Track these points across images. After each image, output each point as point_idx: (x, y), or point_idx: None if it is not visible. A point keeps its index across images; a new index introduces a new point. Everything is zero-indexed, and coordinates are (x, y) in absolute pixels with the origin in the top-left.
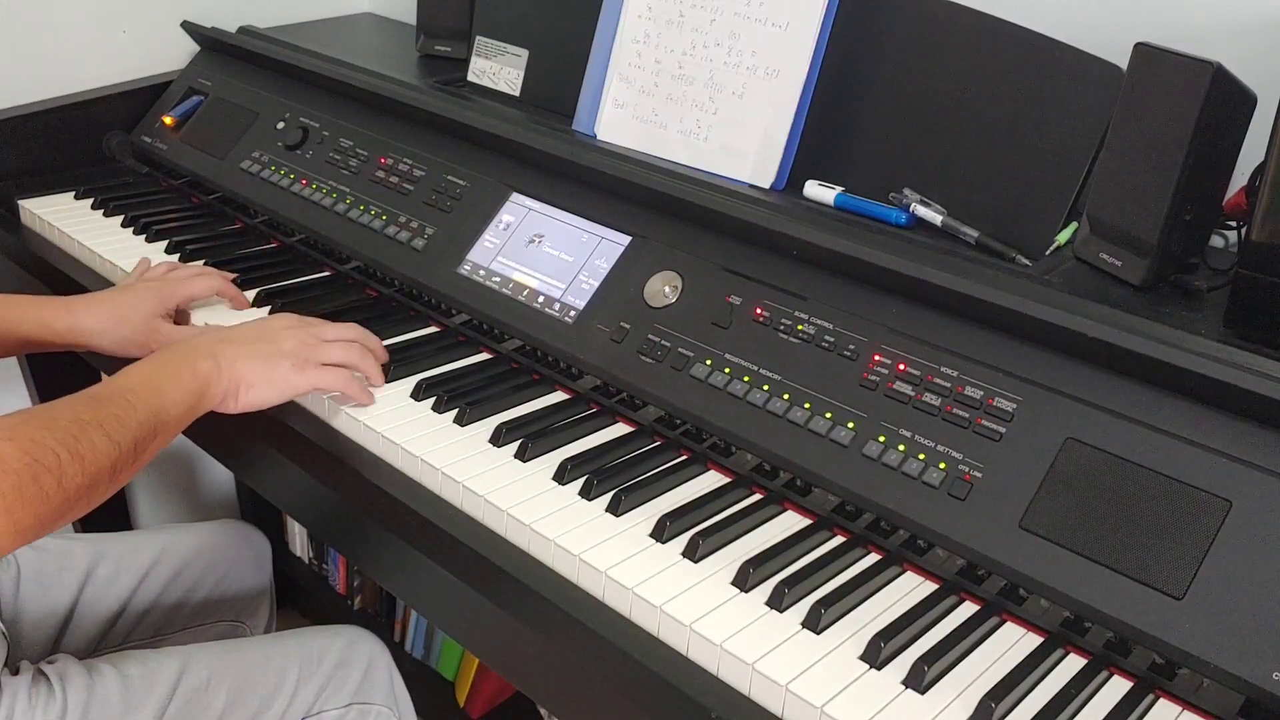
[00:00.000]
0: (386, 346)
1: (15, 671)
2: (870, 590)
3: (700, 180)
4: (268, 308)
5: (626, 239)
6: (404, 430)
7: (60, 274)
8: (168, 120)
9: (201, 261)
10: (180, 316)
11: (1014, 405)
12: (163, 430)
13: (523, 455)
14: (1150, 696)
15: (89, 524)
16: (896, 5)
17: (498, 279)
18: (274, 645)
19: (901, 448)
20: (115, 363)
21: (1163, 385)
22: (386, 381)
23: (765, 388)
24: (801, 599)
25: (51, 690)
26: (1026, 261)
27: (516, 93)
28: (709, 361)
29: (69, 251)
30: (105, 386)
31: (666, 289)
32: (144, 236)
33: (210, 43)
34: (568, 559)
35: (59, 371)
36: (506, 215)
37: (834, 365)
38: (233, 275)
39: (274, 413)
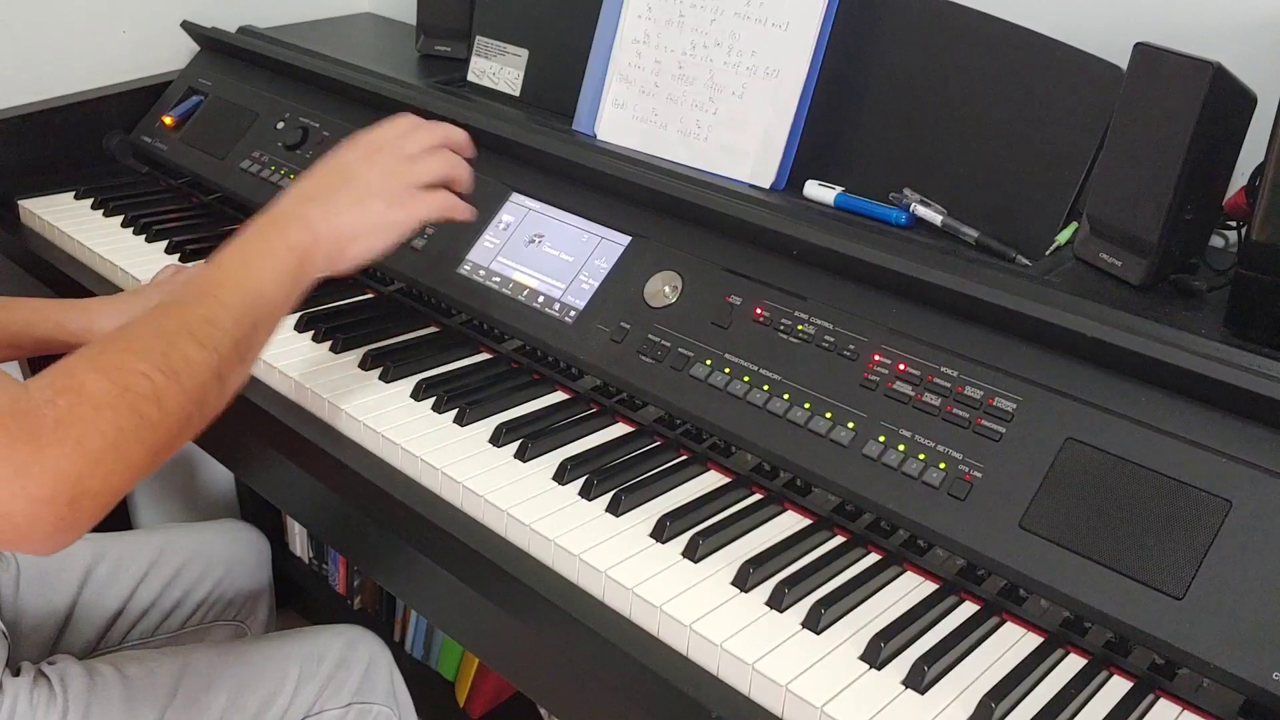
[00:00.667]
0: (386, 346)
1: (16, 672)
2: (870, 590)
3: (700, 180)
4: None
5: (626, 239)
6: (404, 430)
7: (60, 274)
8: (168, 120)
9: (201, 261)
10: None
11: (1014, 405)
12: (265, 319)
13: (523, 455)
14: (1150, 696)
15: None
16: (896, 5)
17: (498, 279)
18: (274, 645)
19: (901, 448)
20: None
21: (1163, 385)
22: (387, 382)
23: (765, 388)
24: (801, 599)
25: (52, 691)
26: (1026, 261)
27: (516, 93)
28: (709, 361)
29: (69, 251)
30: (188, 286)
31: (666, 289)
32: (144, 236)
33: (210, 43)
34: (568, 559)
35: None
36: (506, 215)
37: (834, 365)
38: None
39: (275, 413)
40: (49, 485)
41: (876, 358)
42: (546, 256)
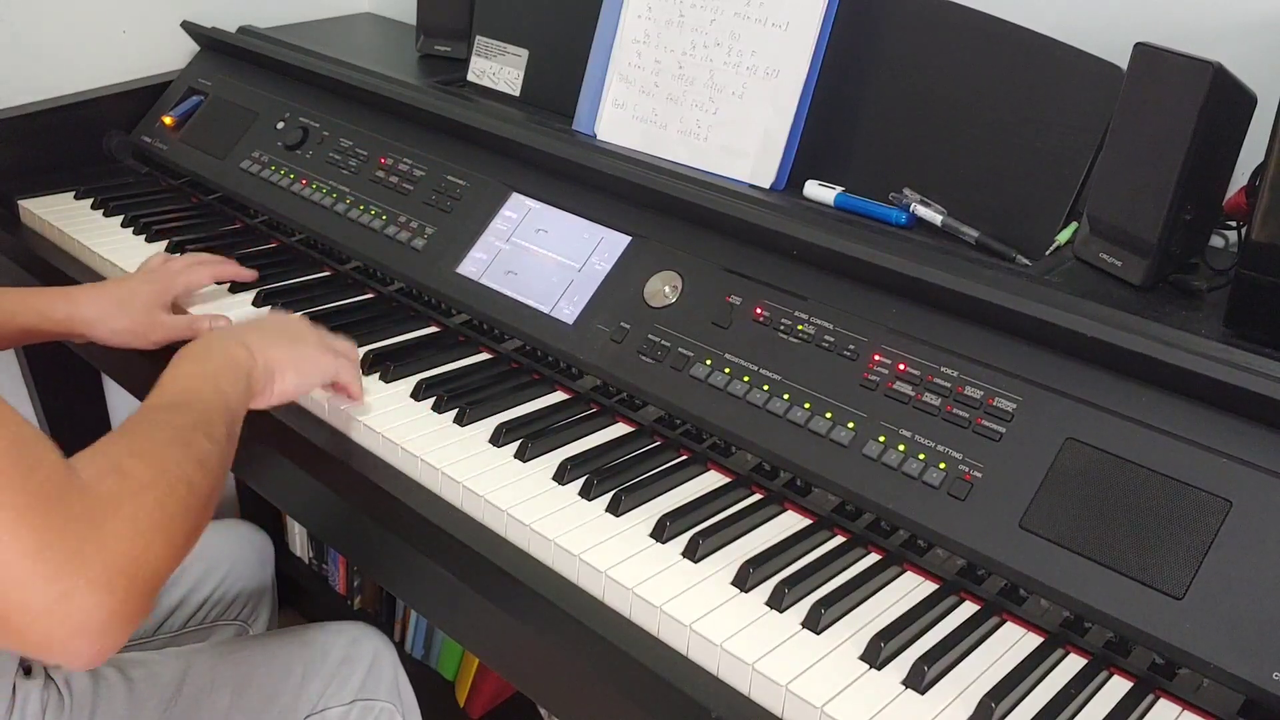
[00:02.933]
0: (386, 346)
1: (28, 673)
2: (870, 590)
3: (700, 180)
4: (267, 308)
5: (626, 239)
6: (404, 430)
7: (60, 274)
8: (168, 120)
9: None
10: (177, 308)
11: (1014, 405)
12: (235, 423)
13: (522, 455)
14: (1150, 696)
15: None
16: (896, 5)
17: (498, 279)
18: (277, 643)
19: (901, 448)
20: (110, 354)
21: (1163, 385)
22: (387, 382)
23: (765, 388)
24: (801, 599)
25: (61, 695)
26: (1026, 261)
27: (516, 93)
28: (709, 361)
29: (69, 251)
30: (170, 393)
31: (666, 289)
32: (144, 236)
33: (210, 43)
34: (568, 559)
35: (58, 367)
36: (507, 215)
37: (834, 365)
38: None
39: (275, 413)
40: (108, 567)
41: (876, 358)
42: (546, 256)
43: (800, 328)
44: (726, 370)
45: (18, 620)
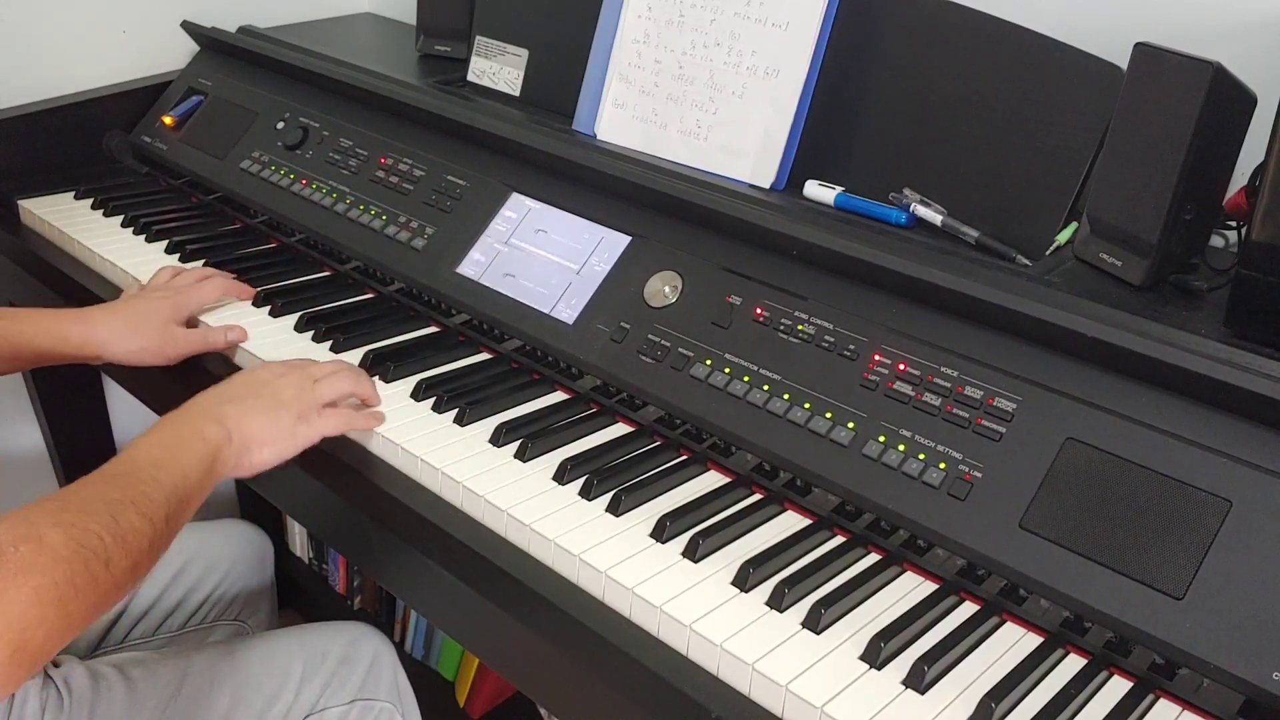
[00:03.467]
0: (386, 346)
1: None
2: (870, 590)
3: (700, 180)
4: (267, 308)
5: (626, 239)
6: (404, 430)
7: (60, 274)
8: (168, 120)
9: (201, 261)
10: (190, 320)
11: (1014, 405)
12: (187, 502)
13: (523, 455)
14: (1150, 696)
15: None
16: (896, 5)
17: (498, 279)
18: (277, 643)
19: (901, 448)
20: (127, 373)
21: (1163, 385)
22: (387, 382)
23: (765, 388)
24: (801, 599)
25: (60, 696)
26: (1026, 261)
27: (516, 93)
28: (709, 361)
29: (69, 251)
30: (124, 463)
31: (666, 289)
32: (144, 236)
33: (210, 43)
34: (568, 559)
35: (58, 370)
36: (507, 215)
37: (834, 365)
38: (232, 274)
39: None
40: None
41: (876, 358)
42: (546, 256)
43: (800, 328)
44: (726, 370)
45: None
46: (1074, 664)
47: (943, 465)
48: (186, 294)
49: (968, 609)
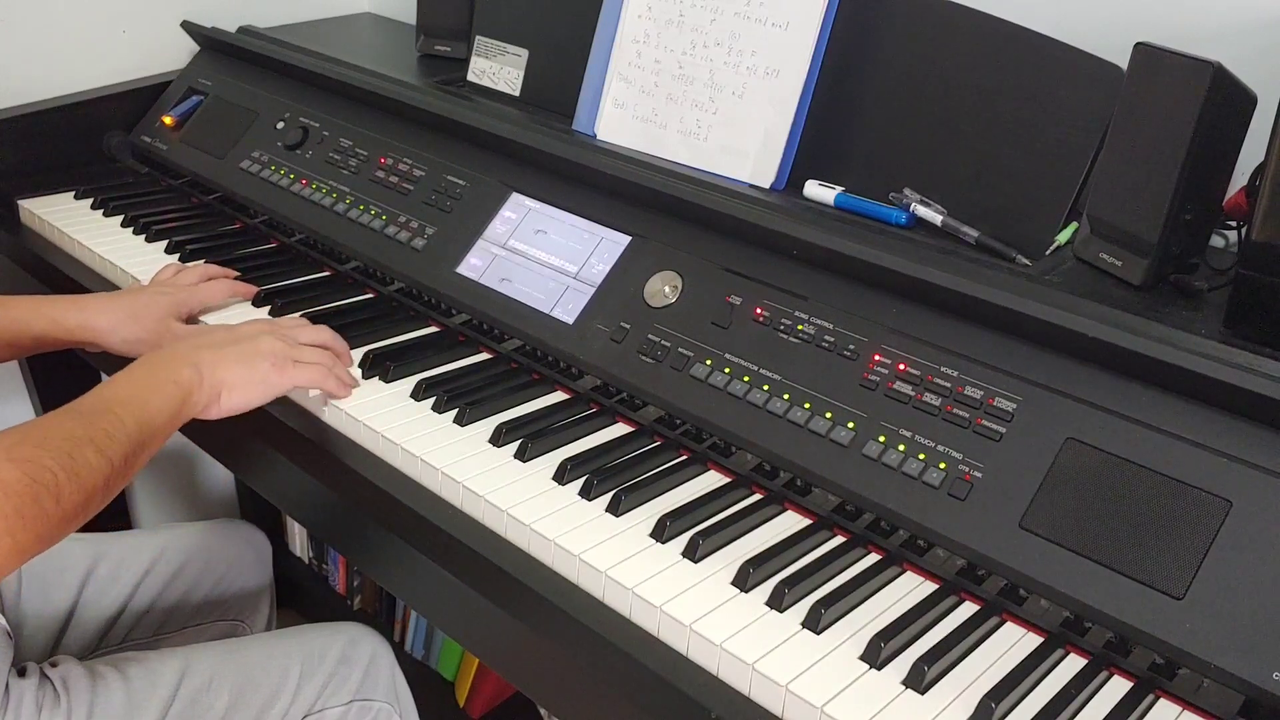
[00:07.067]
0: (386, 346)
1: (21, 673)
2: (870, 590)
3: (700, 180)
4: (268, 308)
5: (626, 239)
6: (404, 430)
7: (60, 274)
8: (167, 120)
9: (201, 261)
10: (190, 318)
11: (1014, 405)
12: (150, 441)
13: (522, 455)
14: (1150, 696)
15: (89, 524)
16: (896, 5)
17: (498, 279)
18: (275, 643)
19: (901, 448)
20: (121, 363)
21: (1163, 385)
22: (387, 381)
23: (765, 388)
24: (801, 599)
25: (56, 695)
26: (1026, 261)
27: (516, 93)
28: (709, 361)
29: (69, 251)
30: (92, 400)
31: (666, 289)
32: (144, 236)
33: (210, 43)
34: (568, 559)
35: (59, 372)
36: (506, 215)
37: (834, 365)
38: (234, 274)
39: (274, 412)
40: None
41: (876, 358)
42: (546, 256)
43: (800, 328)
44: (726, 370)
45: None
46: (1074, 664)
47: (943, 465)
48: (190, 292)
49: (968, 609)
